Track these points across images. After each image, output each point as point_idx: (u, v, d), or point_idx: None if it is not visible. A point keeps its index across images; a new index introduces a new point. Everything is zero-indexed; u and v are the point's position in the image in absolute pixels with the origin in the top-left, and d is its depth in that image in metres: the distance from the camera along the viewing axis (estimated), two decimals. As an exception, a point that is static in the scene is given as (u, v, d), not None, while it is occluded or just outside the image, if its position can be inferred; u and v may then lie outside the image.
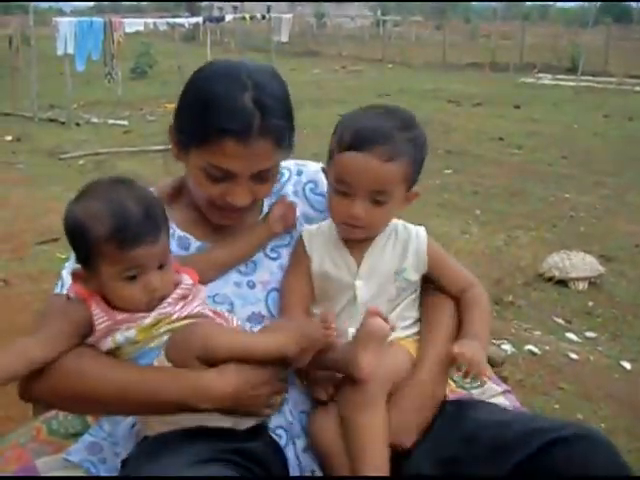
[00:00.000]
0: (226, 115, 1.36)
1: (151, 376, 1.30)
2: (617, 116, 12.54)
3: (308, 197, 1.69)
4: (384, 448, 1.33)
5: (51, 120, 11.56)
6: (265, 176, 1.46)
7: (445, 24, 31.35)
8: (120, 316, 1.30)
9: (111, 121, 11.84)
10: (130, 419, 1.81)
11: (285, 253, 1.61)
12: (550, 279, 4.71)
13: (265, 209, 1.65)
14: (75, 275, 1.35)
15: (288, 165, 1.72)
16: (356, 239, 1.49)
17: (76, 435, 1.83)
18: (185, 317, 1.33)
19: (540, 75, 20.61)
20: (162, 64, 18.47)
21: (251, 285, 1.56)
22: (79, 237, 1.27)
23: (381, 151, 1.36)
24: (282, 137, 1.43)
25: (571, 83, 18.01)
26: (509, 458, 1.24)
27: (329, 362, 1.38)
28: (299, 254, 1.56)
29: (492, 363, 2.28)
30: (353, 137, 1.38)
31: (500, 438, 1.30)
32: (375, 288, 1.49)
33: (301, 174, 1.71)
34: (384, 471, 1.31)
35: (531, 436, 1.25)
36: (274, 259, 1.61)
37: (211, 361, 1.30)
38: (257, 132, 1.37)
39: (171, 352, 1.30)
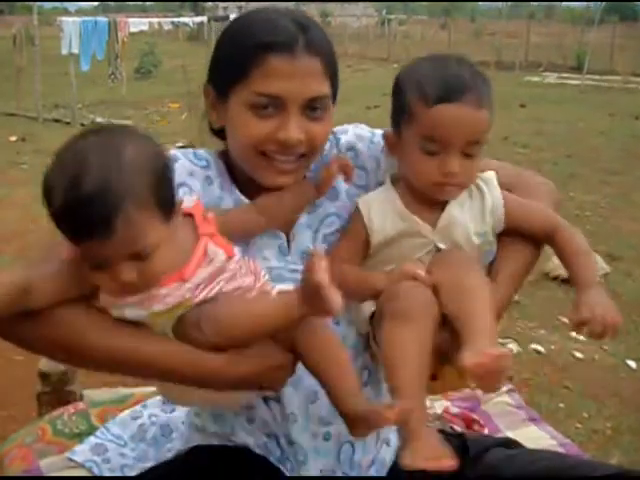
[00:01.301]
0: (266, 32, 1.26)
1: (169, 353, 1.16)
2: (623, 115, 12.51)
3: None
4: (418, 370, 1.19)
5: (56, 120, 11.58)
6: (317, 107, 1.29)
7: (450, 23, 31.33)
8: (129, 298, 1.12)
9: (116, 121, 11.86)
10: (138, 421, 1.81)
11: None
12: (555, 278, 4.70)
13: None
14: None
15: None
16: (449, 198, 1.35)
17: (81, 435, 1.83)
18: (205, 300, 1.15)
19: (546, 74, 20.58)
20: (166, 64, 18.47)
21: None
22: (46, 204, 1.05)
23: (472, 99, 1.27)
24: (329, 61, 1.30)
25: (576, 82, 17.96)
26: None
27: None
28: (356, 228, 1.38)
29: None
30: (441, 88, 1.27)
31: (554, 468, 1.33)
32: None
33: (339, 143, 1.48)
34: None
35: (579, 468, 1.30)
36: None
37: (221, 345, 1.17)
38: (302, 47, 1.25)
39: (179, 335, 1.16)
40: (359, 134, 1.49)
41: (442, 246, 1.33)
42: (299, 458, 1.40)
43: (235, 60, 1.28)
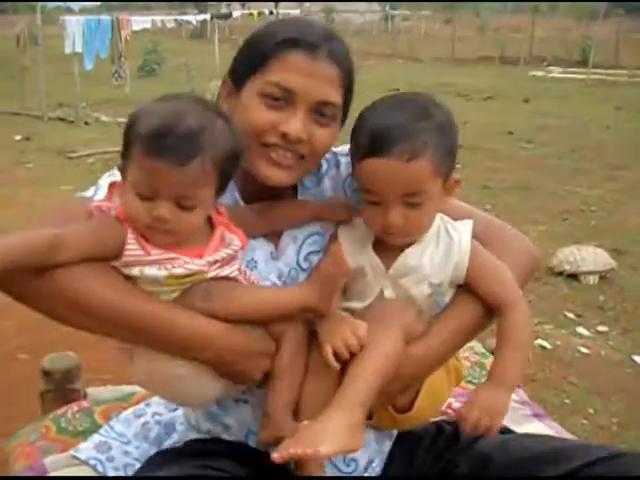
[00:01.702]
0: (293, 31, 1.30)
1: (172, 312, 1.22)
2: (628, 109, 12.48)
3: (347, 195, 1.48)
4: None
5: (60, 119, 11.58)
6: (325, 113, 1.31)
7: (454, 18, 31.24)
8: (154, 255, 1.19)
9: (120, 119, 11.82)
10: (142, 420, 1.81)
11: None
12: (561, 273, 4.70)
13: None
14: (113, 185, 1.24)
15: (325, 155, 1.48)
16: (402, 244, 1.33)
17: (84, 433, 1.83)
18: (219, 278, 1.24)
19: (550, 68, 20.51)
20: (170, 62, 18.47)
21: None
22: (128, 127, 1.18)
23: (401, 151, 1.22)
24: (347, 75, 1.33)
25: (581, 76, 17.90)
26: (545, 470, 1.29)
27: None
28: None
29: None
30: (369, 141, 1.25)
31: (535, 451, 1.36)
32: (403, 294, 1.33)
33: (339, 166, 1.49)
34: None
35: (573, 451, 1.33)
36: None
37: (227, 319, 1.24)
38: (324, 52, 1.29)
39: (186, 304, 1.23)
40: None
41: (387, 293, 1.33)
42: None
43: (258, 51, 1.32)
